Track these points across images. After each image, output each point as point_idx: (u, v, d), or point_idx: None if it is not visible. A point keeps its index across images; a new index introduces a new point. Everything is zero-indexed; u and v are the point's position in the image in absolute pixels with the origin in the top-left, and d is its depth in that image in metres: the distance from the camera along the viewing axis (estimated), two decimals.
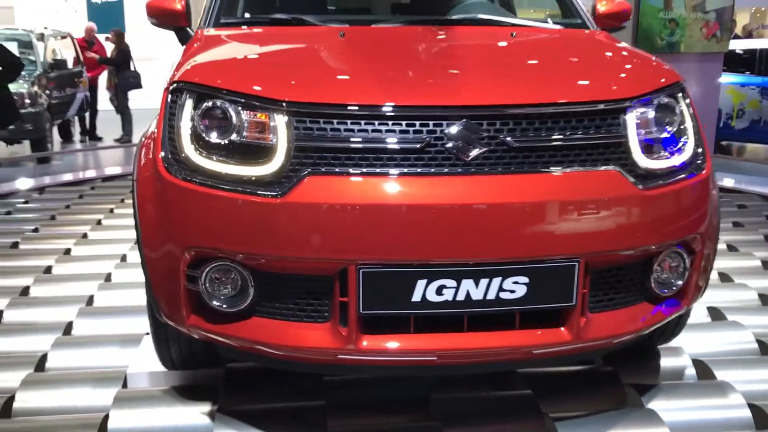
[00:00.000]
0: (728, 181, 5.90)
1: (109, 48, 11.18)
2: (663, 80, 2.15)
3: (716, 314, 3.04)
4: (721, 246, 4.05)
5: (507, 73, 2.13)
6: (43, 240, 4.19)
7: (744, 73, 10.08)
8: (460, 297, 1.87)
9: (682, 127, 2.12)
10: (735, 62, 10.13)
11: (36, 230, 4.41)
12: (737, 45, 10.44)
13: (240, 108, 1.94)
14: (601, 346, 2.10)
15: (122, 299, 3.16)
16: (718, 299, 3.20)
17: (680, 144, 2.10)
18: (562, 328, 1.95)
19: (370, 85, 1.98)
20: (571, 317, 1.94)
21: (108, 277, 3.48)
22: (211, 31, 2.59)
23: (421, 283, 1.85)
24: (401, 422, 2.22)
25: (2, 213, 4.85)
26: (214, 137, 1.95)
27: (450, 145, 1.87)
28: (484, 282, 1.86)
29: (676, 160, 2.07)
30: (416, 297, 1.86)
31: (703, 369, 2.55)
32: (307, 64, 2.16)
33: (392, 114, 1.87)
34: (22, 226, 4.50)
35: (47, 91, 9.34)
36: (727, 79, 10.03)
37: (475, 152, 1.87)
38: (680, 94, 2.17)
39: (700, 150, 2.15)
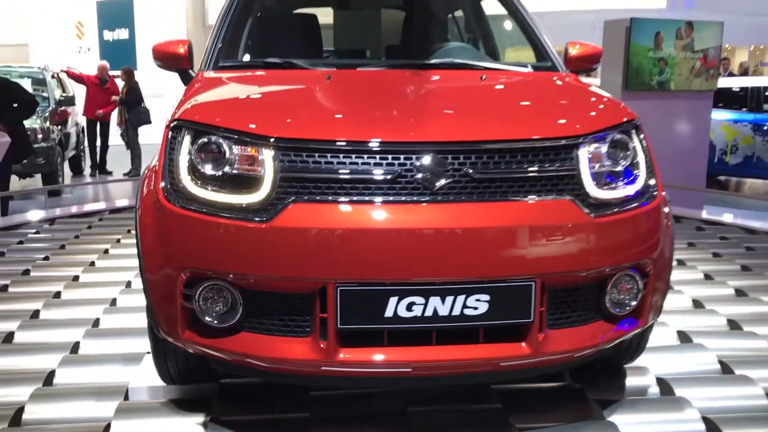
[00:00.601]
0: (714, 214, 6.08)
1: (121, 85, 11.56)
2: (616, 119, 2.36)
3: (684, 338, 3.21)
4: (698, 275, 4.24)
5: (471, 112, 2.36)
6: (53, 268, 4.42)
7: (738, 110, 10.35)
8: (428, 313, 2.07)
9: (634, 161, 2.34)
10: (729, 99, 10.42)
11: (47, 258, 4.63)
12: (729, 83, 10.73)
13: (232, 143, 2.17)
14: (561, 360, 2.29)
15: (126, 322, 3.36)
16: (688, 324, 3.38)
17: (632, 176, 2.32)
18: (523, 343, 2.14)
19: (348, 123, 2.21)
20: (530, 333, 2.13)
21: (113, 302, 3.69)
22: (211, 74, 2.84)
23: (393, 300, 2.05)
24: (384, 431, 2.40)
25: (15, 243, 5.08)
26: (208, 169, 2.18)
27: (419, 176, 2.09)
28: (449, 299, 2.07)
29: (627, 190, 2.28)
30: (389, 313, 2.06)
31: (665, 387, 2.73)
32: (294, 104, 2.40)
33: (367, 148, 2.10)
34: (34, 255, 4.73)
35: (58, 126, 9.68)
36: (721, 115, 10.31)
37: (440, 183, 2.09)
38: (633, 131, 2.38)
39: (652, 182, 2.36)
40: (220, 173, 2.17)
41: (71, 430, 2.43)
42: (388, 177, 2.09)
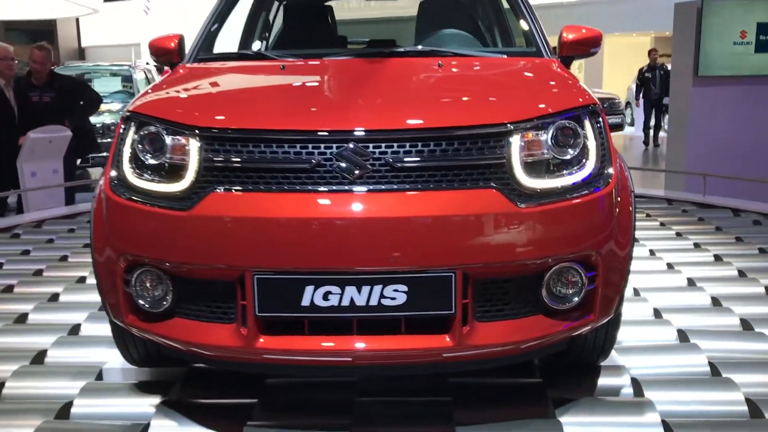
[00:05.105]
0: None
1: None
2: (564, 105, 2.25)
3: (683, 336, 3.03)
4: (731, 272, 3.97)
5: (402, 100, 2.32)
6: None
7: None
8: (345, 302, 2.05)
9: (581, 148, 2.22)
10: None
11: (86, 246, 4.90)
12: None
13: (166, 134, 2.22)
14: (496, 353, 2.21)
15: None
16: (692, 323, 3.18)
17: (576, 165, 2.20)
18: (446, 335, 2.09)
19: (272, 113, 2.22)
20: (453, 325, 2.08)
21: None
22: (187, 67, 2.92)
23: (309, 289, 2.05)
24: (321, 423, 2.39)
25: (65, 230, 5.41)
26: (146, 159, 2.24)
27: (338, 165, 2.08)
28: (365, 289, 2.04)
29: (569, 179, 2.17)
30: (305, 302, 2.06)
31: (639, 388, 2.58)
32: (232, 95, 2.44)
33: (285, 137, 2.10)
34: (77, 241, 5.03)
35: None
36: None
37: (359, 172, 2.07)
38: (587, 118, 2.26)
39: (606, 170, 2.24)
40: (155, 163, 2.23)
41: (41, 404, 2.56)
42: (306, 166, 2.08)
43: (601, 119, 2.32)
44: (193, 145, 2.16)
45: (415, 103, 2.29)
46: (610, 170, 2.26)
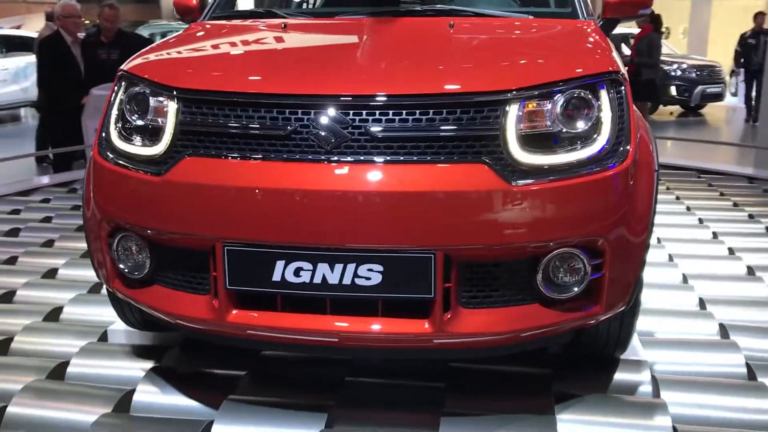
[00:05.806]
0: None
1: None
2: (577, 72, 2.01)
3: (723, 332, 2.74)
4: None
5: (392, 64, 2.13)
6: None
7: None
8: (317, 280, 1.92)
9: (593, 121, 1.98)
10: None
11: None
12: None
13: (148, 94, 2.13)
14: (486, 343, 2.04)
15: None
16: (738, 317, 2.88)
17: (586, 139, 1.97)
18: (426, 321, 1.93)
19: (250, 75, 2.09)
20: (433, 310, 1.91)
21: None
22: (198, 25, 2.81)
23: (280, 264, 1.93)
24: (303, 402, 2.27)
25: None
26: (130, 120, 2.16)
27: (315, 133, 1.93)
28: (338, 267, 1.90)
29: (573, 156, 1.94)
30: (276, 277, 1.94)
31: (658, 388, 2.34)
32: (218, 55, 2.32)
33: (261, 102, 1.97)
34: None
35: None
36: None
37: (336, 140, 1.91)
38: (603, 87, 2.02)
39: (620, 147, 2.00)
40: (138, 124, 2.15)
41: (40, 361, 2.58)
42: (281, 133, 1.94)
43: (623, 89, 2.07)
44: (171, 107, 2.06)
45: (404, 67, 2.10)
46: (627, 147, 2.01)
